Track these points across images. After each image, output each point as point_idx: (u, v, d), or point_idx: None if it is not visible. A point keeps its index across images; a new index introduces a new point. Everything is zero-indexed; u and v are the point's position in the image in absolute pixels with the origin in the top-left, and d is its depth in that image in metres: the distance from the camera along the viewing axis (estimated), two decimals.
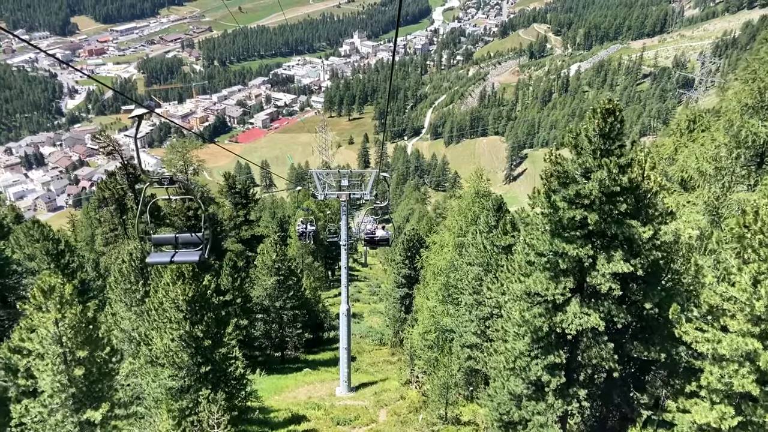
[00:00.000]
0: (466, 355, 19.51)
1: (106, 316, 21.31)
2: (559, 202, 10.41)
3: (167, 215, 25.79)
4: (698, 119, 23.05)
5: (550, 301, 11.08)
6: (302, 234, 26.30)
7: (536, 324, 11.10)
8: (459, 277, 20.49)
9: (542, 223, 10.90)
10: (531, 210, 11.19)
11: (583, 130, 10.26)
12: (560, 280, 10.96)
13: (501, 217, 18.03)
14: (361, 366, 32.92)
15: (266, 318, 31.86)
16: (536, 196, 10.93)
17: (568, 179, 10.31)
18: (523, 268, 11.59)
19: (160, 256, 10.50)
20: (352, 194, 23.67)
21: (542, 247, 10.82)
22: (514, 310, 11.80)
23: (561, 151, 10.97)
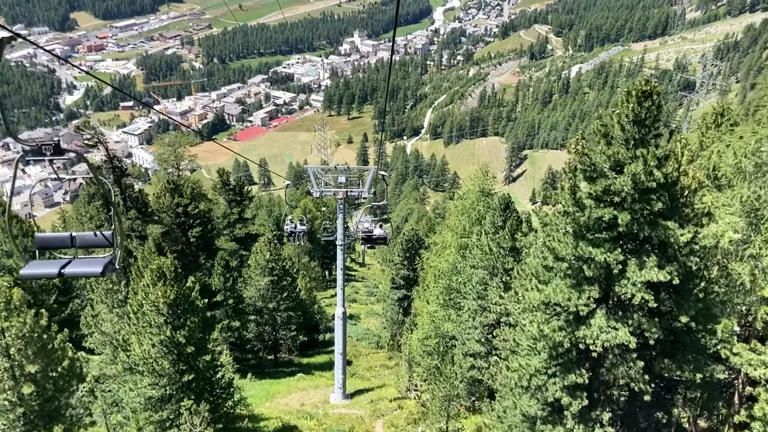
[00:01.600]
0: (469, 365, 18.34)
1: (86, 317, 20.22)
2: (586, 199, 9.22)
3: (155, 211, 24.68)
4: (726, 113, 21.95)
5: (572, 313, 9.90)
6: (292, 234, 24.79)
7: (556, 339, 9.91)
8: (462, 281, 19.35)
9: (564, 223, 9.66)
10: (550, 208, 9.99)
11: (615, 116, 9.06)
12: (584, 289, 9.71)
13: (508, 217, 16.87)
14: (357, 370, 31.77)
15: (259, 320, 30.71)
16: (559, 193, 9.71)
17: (596, 173, 9.13)
18: (540, 275, 10.39)
19: (41, 266, 7.45)
20: (349, 192, 22.53)
21: (564, 251, 9.62)
22: (529, 321, 10.62)
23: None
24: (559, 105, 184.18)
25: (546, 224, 10.16)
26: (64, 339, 12.53)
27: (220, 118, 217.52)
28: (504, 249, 16.57)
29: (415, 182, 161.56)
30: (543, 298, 9.90)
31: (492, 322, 17.24)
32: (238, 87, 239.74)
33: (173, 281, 13.83)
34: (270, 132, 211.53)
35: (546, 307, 10.24)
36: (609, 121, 8.99)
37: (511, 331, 13.78)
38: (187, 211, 25.11)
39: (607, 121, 9.03)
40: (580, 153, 9.09)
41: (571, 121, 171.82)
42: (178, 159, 32.13)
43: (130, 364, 14.22)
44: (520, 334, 10.96)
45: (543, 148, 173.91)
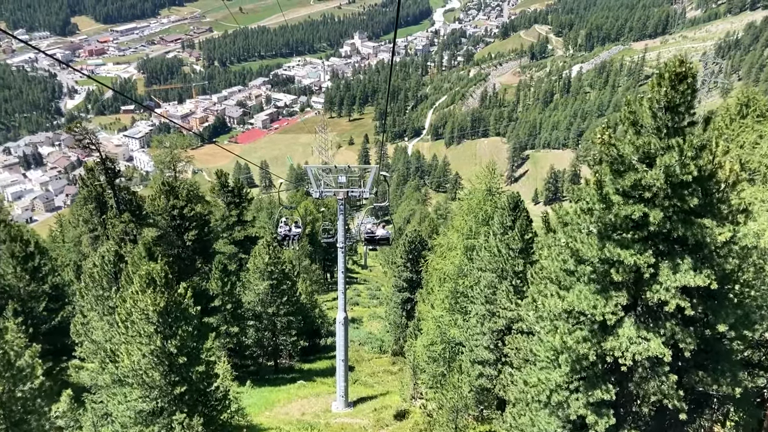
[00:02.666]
0: (478, 372, 17.47)
1: (75, 326, 19.45)
2: (613, 195, 8.37)
3: (150, 214, 23.93)
4: (752, 103, 21.05)
5: (597, 322, 9.02)
6: (285, 237, 23.23)
7: (580, 351, 9.03)
8: (469, 284, 18.51)
9: (588, 222, 8.78)
10: (571, 206, 9.13)
11: (645, 101, 8.21)
12: (610, 296, 8.83)
13: (518, 216, 16.02)
14: (360, 377, 30.92)
15: (258, 325, 29.90)
16: (583, 188, 8.81)
17: (625, 166, 8.26)
18: (561, 279, 9.52)
19: None
20: (350, 192, 21.71)
21: (589, 253, 8.73)
22: (547, 331, 9.75)
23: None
24: (561, 105, 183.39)
25: (566, 224, 9.30)
26: (34, 354, 11.70)
27: (221, 121, 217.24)
28: (513, 251, 15.70)
29: (416, 183, 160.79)
30: (566, 305, 9.01)
31: (501, 327, 16.37)
32: (239, 90, 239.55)
33: (164, 288, 13.05)
34: (271, 134, 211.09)
35: (568, 316, 9.36)
36: (638, 107, 8.14)
37: (524, 339, 12.94)
38: (183, 214, 24.35)
39: (636, 108, 8.18)
40: (606, 144, 8.24)
41: (572, 121, 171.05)
42: (174, 161, 31.43)
43: (119, 375, 13.46)
44: (538, 344, 10.07)
45: (545, 147, 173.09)
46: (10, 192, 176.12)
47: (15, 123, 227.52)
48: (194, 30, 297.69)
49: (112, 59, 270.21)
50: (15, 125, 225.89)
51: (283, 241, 23.82)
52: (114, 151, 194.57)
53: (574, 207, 8.84)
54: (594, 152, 8.59)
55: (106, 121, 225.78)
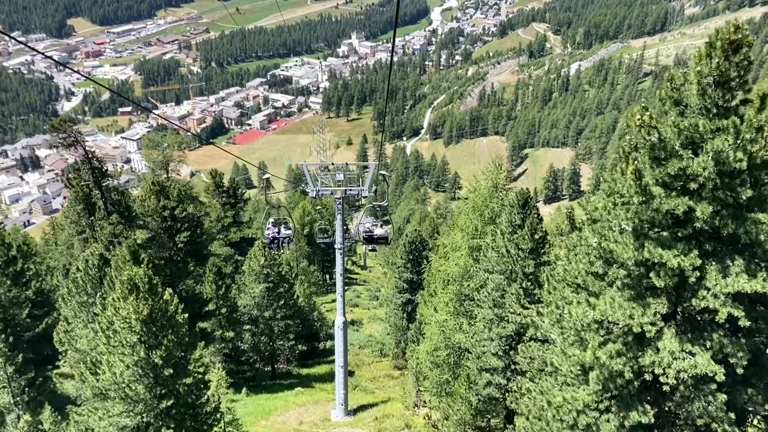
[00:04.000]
0: (485, 381, 16.46)
1: (58, 334, 18.47)
2: (654, 186, 7.34)
3: (140, 215, 22.98)
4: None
5: (633, 334, 8.01)
6: (274, 240, 21.52)
7: (613, 367, 8.01)
8: (474, 287, 17.51)
9: (623, 218, 7.60)
10: (601, 200, 8.12)
11: (693, 75, 7.14)
12: (648, 303, 7.82)
13: (528, 214, 15.02)
14: (360, 382, 29.91)
15: (254, 329, 28.91)
16: (617, 178, 7.71)
17: (667, 152, 7.22)
18: (589, 284, 8.47)
19: None
20: (348, 191, 20.74)
21: (624, 254, 7.69)
22: (571, 342, 8.72)
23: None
24: (559, 103, 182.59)
25: (595, 220, 8.30)
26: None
27: (218, 122, 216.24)
28: (523, 251, 14.68)
29: (415, 183, 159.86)
30: (598, 315, 7.97)
31: (511, 333, 15.36)
32: (236, 90, 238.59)
33: (148, 294, 12.08)
34: (269, 135, 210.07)
35: (599, 327, 8.35)
36: (683, 83, 7.10)
37: (540, 348, 11.94)
38: (175, 215, 23.40)
39: (681, 84, 7.14)
40: (646, 126, 7.21)
41: (571, 119, 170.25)
42: (167, 160, 30.47)
43: (100, 388, 12.50)
44: (559, 357, 9.03)
45: (544, 146, 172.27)
46: (7, 195, 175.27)
47: (12, 126, 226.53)
48: (191, 31, 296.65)
49: (109, 61, 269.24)
50: (12, 128, 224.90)
51: (271, 244, 22.00)
52: (112, 153, 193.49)
53: (604, 201, 7.85)
54: (630, 136, 7.59)
55: (104, 123, 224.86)
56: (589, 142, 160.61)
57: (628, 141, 7.55)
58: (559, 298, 8.90)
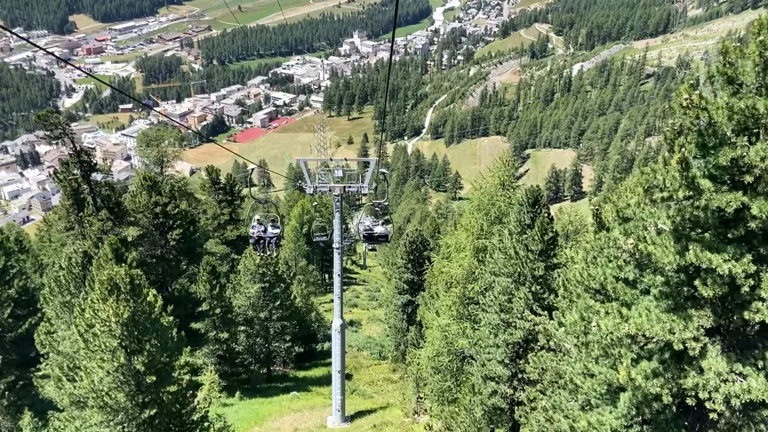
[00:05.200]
0: (490, 390, 15.58)
1: (39, 335, 17.63)
2: (702, 179, 6.30)
3: (130, 211, 22.16)
4: None
5: (671, 351, 7.09)
6: (260, 240, 19.08)
7: (649, 390, 7.10)
8: (479, 290, 16.65)
9: (664, 216, 6.54)
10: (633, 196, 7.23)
11: (754, 46, 6.17)
12: (689, 315, 6.80)
13: (538, 213, 14.14)
14: (358, 386, 29.08)
15: (249, 331, 28.07)
16: (659, 170, 6.72)
17: (717, 139, 6.30)
18: (619, 292, 7.55)
19: None
20: (347, 187, 19.86)
21: (664, 258, 6.78)
22: (596, 357, 7.83)
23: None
24: (561, 103, 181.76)
25: (627, 219, 7.38)
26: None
27: (219, 120, 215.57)
28: (533, 252, 13.81)
29: (416, 182, 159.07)
30: (633, 328, 7.02)
31: (518, 340, 14.51)
32: (237, 88, 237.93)
33: (129, 295, 11.26)
34: (270, 133, 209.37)
35: (632, 342, 7.42)
36: (738, 57, 6.17)
37: (553, 359, 11.05)
38: (167, 211, 22.59)
39: (736, 58, 6.22)
40: (694, 107, 6.28)
41: (573, 120, 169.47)
42: (161, 155, 29.66)
43: (78, 396, 11.67)
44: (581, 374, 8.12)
45: (545, 147, 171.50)
46: (7, 191, 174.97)
47: (12, 122, 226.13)
48: (193, 28, 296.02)
49: (111, 58, 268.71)
50: (12, 124, 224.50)
51: (256, 244, 19.56)
52: (112, 150, 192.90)
53: (638, 197, 6.96)
54: (673, 120, 6.68)
55: (104, 119, 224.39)
56: (591, 143, 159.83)
57: (671, 125, 6.64)
58: (584, 308, 7.99)
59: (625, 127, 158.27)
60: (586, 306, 8.01)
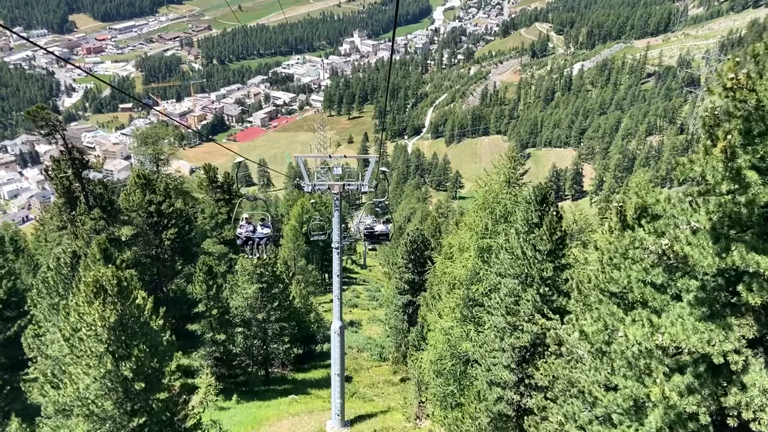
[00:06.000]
0: (496, 396, 14.97)
1: (26, 338, 17.07)
2: (748, 170, 5.65)
3: (124, 210, 21.61)
4: None
5: (707, 364, 6.48)
6: (247, 242, 17.11)
7: (684, 407, 6.47)
8: (484, 291, 16.05)
9: (702, 213, 5.81)
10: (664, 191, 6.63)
11: None
12: (729, 324, 6.14)
13: (546, 212, 13.51)
14: (358, 388, 28.49)
15: (247, 332, 27.49)
16: (699, 159, 6.09)
17: (765, 125, 5.65)
18: (647, 297, 6.94)
19: None
20: (347, 185, 19.28)
21: (703, 261, 6.13)
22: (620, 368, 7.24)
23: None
24: (562, 103, 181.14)
25: (656, 216, 6.75)
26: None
27: (219, 119, 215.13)
28: (541, 252, 13.18)
29: (416, 182, 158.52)
30: (667, 339, 6.38)
31: (526, 344, 13.91)
32: (237, 88, 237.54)
33: (117, 297, 10.70)
34: (270, 132, 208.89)
35: (663, 353, 6.79)
36: None
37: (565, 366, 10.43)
38: (161, 210, 22.04)
39: None
40: (742, 88, 5.66)
41: (574, 119, 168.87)
42: (157, 153, 29.11)
43: (63, 405, 11.11)
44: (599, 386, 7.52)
45: (546, 146, 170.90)
46: (6, 190, 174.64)
47: (12, 121, 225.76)
48: (193, 28, 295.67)
49: (110, 57, 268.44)
50: (12, 123, 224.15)
51: (244, 245, 17.43)
52: (112, 150, 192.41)
53: (668, 192, 6.36)
54: (713, 104, 6.03)
55: (104, 119, 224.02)
56: (592, 142, 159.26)
57: (710, 110, 5.97)
58: (606, 314, 7.39)
59: (626, 127, 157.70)
60: (609, 312, 7.40)
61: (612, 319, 7.17)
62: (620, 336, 6.74)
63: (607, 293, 7.60)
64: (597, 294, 7.86)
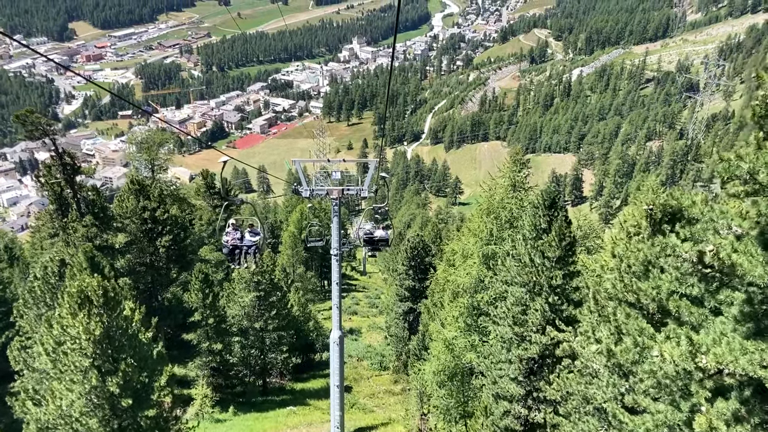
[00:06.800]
0: (503, 410, 14.34)
1: (12, 351, 16.46)
2: None
3: (117, 217, 21.06)
4: None
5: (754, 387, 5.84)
6: (235, 250, 15.13)
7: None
8: (489, 300, 15.44)
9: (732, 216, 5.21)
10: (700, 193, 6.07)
11: None
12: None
13: (555, 217, 12.94)
14: (358, 399, 27.84)
15: (244, 341, 26.87)
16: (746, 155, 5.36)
17: None
18: (682, 311, 6.29)
19: None
20: (346, 190, 18.71)
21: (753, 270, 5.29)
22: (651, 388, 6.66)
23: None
24: (561, 108, 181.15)
25: (693, 220, 6.11)
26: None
27: (218, 126, 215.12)
28: (549, 259, 12.58)
29: (416, 187, 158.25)
30: (712, 361, 5.70)
31: (534, 356, 13.31)
32: (237, 95, 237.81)
33: (103, 308, 10.13)
34: (269, 139, 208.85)
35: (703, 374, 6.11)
36: None
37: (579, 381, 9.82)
38: (155, 217, 21.50)
39: None
40: None
41: (573, 125, 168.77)
42: (152, 159, 28.60)
43: (45, 422, 10.52)
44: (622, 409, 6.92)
45: (546, 151, 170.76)
46: (5, 198, 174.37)
47: (11, 129, 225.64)
48: (192, 35, 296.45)
49: (110, 64, 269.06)
50: (11, 131, 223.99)
51: (231, 255, 15.36)
52: (111, 156, 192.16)
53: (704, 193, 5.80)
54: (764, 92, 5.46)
55: (104, 126, 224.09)
56: (592, 147, 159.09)
57: (762, 98, 5.39)
58: (636, 329, 6.79)
59: (626, 132, 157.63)
60: (638, 328, 6.80)
61: (642, 335, 6.56)
62: (655, 356, 6.10)
63: (625, 303, 7.02)
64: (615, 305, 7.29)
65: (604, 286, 7.77)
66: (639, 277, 7.05)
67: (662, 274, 6.58)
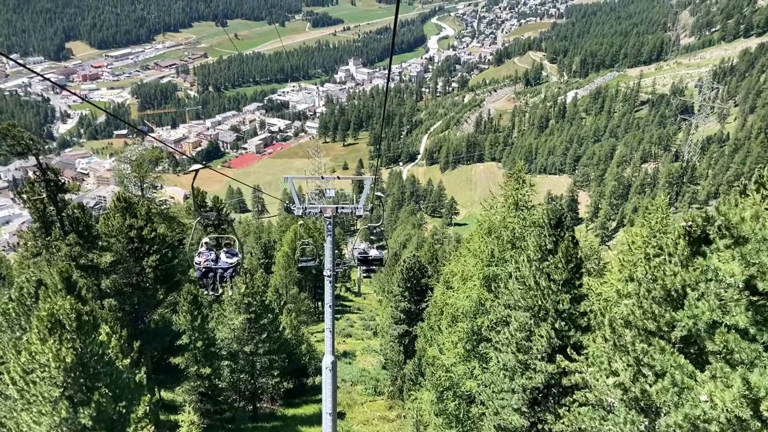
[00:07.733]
0: None
1: None
2: None
3: (102, 235, 20.35)
4: None
5: None
6: (206, 274, 13.12)
7: None
8: (490, 325, 14.67)
9: None
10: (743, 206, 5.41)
11: None
12: None
13: (561, 237, 12.27)
14: (352, 426, 26.80)
15: (234, 365, 25.90)
16: None
17: None
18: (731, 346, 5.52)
19: None
20: (340, 208, 18.10)
21: None
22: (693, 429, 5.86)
23: None
24: (556, 130, 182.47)
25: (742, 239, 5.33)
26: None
27: (214, 146, 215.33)
28: (556, 282, 11.87)
29: (411, 208, 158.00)
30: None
31: (539, 385, 12.52)
32: (232, 114, 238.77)
33: (76, 333, 9.39)
34: (265, 159, 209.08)
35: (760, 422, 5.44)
36: None
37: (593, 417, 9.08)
38: (142, 236, 20.81)
39: None
40: None
41: (568, 146, 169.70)
42: (141, 177, 27.97)
43: None
44: None
45: (541, 173, 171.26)
46: None
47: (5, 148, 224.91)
48: (189, 55, 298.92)
49: (106, 84, 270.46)
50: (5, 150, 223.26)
51: (204, 278, 13.24)
52: (105, 176, 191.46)
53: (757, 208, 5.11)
54: None
55: (99, 145, 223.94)
56: (587, 169, 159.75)
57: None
58: (673, 366, 6.07)
59: (621, 154, 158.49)
60: (676, 365, 6.09)
61: (682, 374, 5.81)
62: (704, 400, 5.37)
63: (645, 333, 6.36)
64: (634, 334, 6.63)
65: (621, 312, 7.14)
66: (667, 304, 6.39)
67: (698, 302, 5.89)
